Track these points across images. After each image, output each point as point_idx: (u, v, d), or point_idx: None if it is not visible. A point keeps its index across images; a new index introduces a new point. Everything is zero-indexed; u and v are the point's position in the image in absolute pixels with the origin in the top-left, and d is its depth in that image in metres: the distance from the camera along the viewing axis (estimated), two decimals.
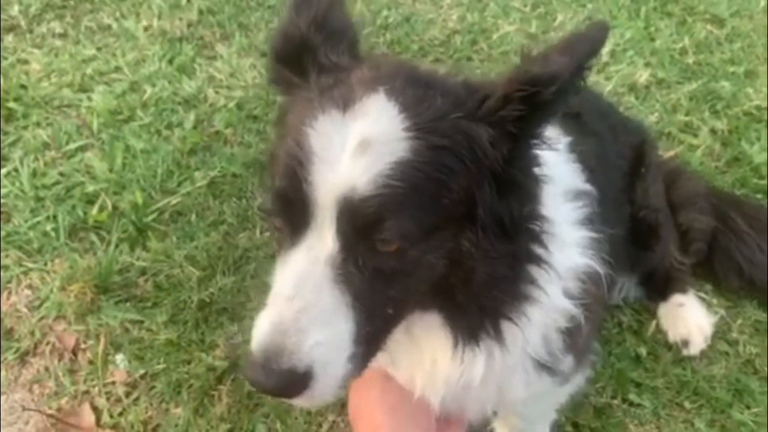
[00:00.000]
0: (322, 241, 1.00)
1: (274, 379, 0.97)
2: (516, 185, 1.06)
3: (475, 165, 1.02)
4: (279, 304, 0.99)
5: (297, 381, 0.98)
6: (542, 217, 1.12)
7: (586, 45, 1.03)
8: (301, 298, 0.98)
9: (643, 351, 2.06)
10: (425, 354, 1.21)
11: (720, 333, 2.11)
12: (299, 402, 1.03)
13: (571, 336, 1.31)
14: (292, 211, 1.02)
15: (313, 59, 1.11)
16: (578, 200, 1.31)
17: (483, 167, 1.03)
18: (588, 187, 1.37)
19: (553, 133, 1.19)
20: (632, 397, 1.96)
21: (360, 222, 0.98)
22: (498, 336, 1.16)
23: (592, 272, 1.30)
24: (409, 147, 0.99)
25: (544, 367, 1.31)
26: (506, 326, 1.16)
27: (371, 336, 1.04)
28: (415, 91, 1.04)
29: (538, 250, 1.13)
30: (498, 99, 1.01)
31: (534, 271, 1.14)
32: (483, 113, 1.02)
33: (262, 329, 1.00)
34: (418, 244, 1.01)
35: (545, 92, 0.99)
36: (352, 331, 1.00)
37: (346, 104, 1.01)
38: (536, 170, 1.10)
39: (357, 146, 0.98)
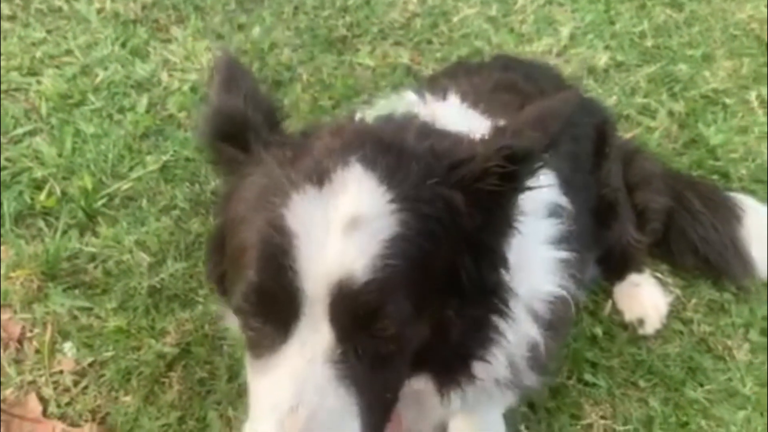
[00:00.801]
0: (316, 335, 0.92)
1: None
2: (490, 251, 1.05)
3: (455, 231, 1.00)
4: (282, 419, 0.90)
5: None
6: (509, 269, 1.10)
7: (558, 120, 1.02)
8: (305, 407, 0.90)
9: (599, 331, 2.07)
10: (414, 402, 1.22)
11: (675, 312, 2.13)
12: None
13: (536, 357, 1.32)
14: (275, 306, 0.94)
15: (256, 136, 1.05)
16: (554, 216, 1.31)
17: (461, 233, 1.00)
18: (563, 200, 1.38)
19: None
20: (587, 377, 1.97)
21: (360, 311, 0.92)
22: (471, 376, 1.18)
23: (561, 296, 1.31)
24: (398, 221, 0.94)
25: (509, 385, 1.33)
26: (477, 366, 1.18)
27: (374, 426, 0.99)
28: (388, 158, 0.98)
29: (504, 306, 1.12)
30: (475, 170, 0.99)
31: (500, 321, 1.14)
32: (457, 180, 0.99)
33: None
34: (413, 323, 0.98)
35: (522, 168, 0.98)
36: (360, 428, 0.94)
37: (320, 179, 0.94)
38: (507, 233, 1.09)
39: (346, 226, 0.92)
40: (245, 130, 1.05)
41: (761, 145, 2.57)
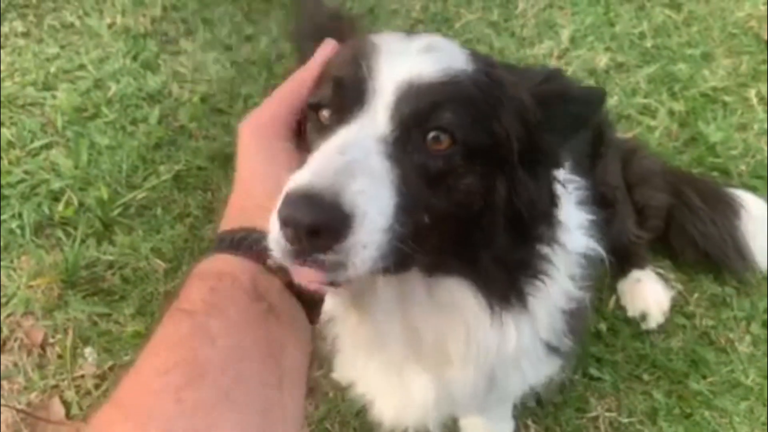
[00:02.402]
0: (374, 123, 0.95)
1: (315, 210, 0.82)
2: (545, 160, 1.07)
3: (517, 115, 1.03)
4: (326, 154, 0.90)
5: (339, 218, 0.82)
6: (557, 197, 1.12)
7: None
8: (350, 154, 0.90)
9: (603, 327, 2.11)
10: (457, 321, 1.12)
11: (677, 307, 2.17)
12: (332, 260, 0.84)
13: (573, 318, 1.30)
14: (346, 96, 0.98)
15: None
16: (571, 184, 1.32)
17: (522, 121, 1.03)
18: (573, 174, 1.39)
19: None
20: (593, 371, 2.02)
21: (420, 104, 0.95)
22: (523, 302, 1.11)
23: (593, 255, 1.32)
24: (470, 62, 1.01)
25: (552, 348, 1.30)
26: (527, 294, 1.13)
27: (405, 231, 0.91)
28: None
29: (550, 231, 1.12)
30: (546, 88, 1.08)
31: (545, 249, 1.12)
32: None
33: (304, 171, 0.88)
34: (466, 156, 0.98)
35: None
36: (394, 204, 0.89)
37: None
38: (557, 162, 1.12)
39: (424, 47, 1.00)
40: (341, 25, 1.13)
41: (761, 142, 2.61)
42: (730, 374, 2.03)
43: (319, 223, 0.81)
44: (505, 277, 1.08)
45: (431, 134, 0.95)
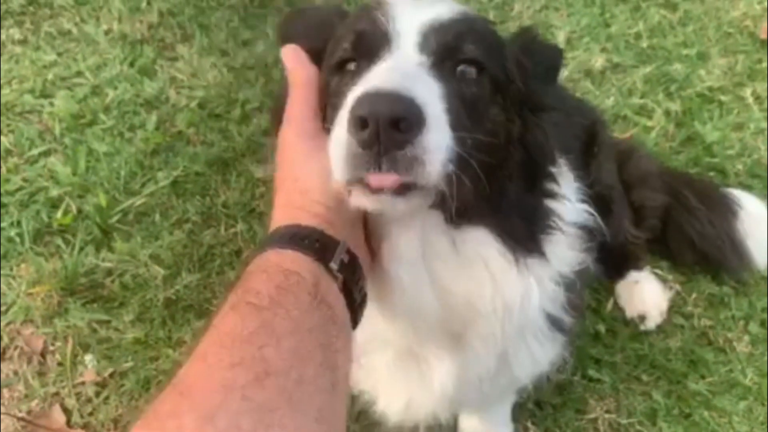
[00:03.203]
0: (408, 56, 0.98)
1: (395, 102, 0.84)
2: (537, 100, 1.12)
3: (515, 58, 1.08)
4: (379, 72, 0.93)
5: (416, 110, 0.84)
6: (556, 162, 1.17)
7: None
8: (403, 69, 0.94)
9: (601, 328, 2.12)
10: (483, 275, 1.11)
11: (675, 307, 2.18)
12: (410, 155, 0.85)
13: (572, 291, 1.29)
14: (371, 44, 1.00)
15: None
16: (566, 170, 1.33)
17: (519, 64, 1.08)
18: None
19: None
20: (592, 372, 2.02)
21: (447, 38, 0.99)
22: (541, 251, 1.13)
23: (590, 226, 1.32)
24: (478, 18, 1.08)
25: (556, 323, 1.30)
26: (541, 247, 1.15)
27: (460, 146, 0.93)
28: None
29: (553, 186, 1.16)
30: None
31: (551, 204, 1.16)
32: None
33: (367, 82, 0.90)
34: (491, 86, 1.03)
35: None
36: (446, 117, 0.92)
37: None
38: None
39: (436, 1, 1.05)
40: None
41: (757, 141, 2.62)
42: (728, 374, 2.04)
43: (401, 113, 0.83)
44: (524, 225, 1.10)
45: (461, 65, 1.00)
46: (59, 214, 2.32)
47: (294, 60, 1.10)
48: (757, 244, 2.17)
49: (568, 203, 1.22)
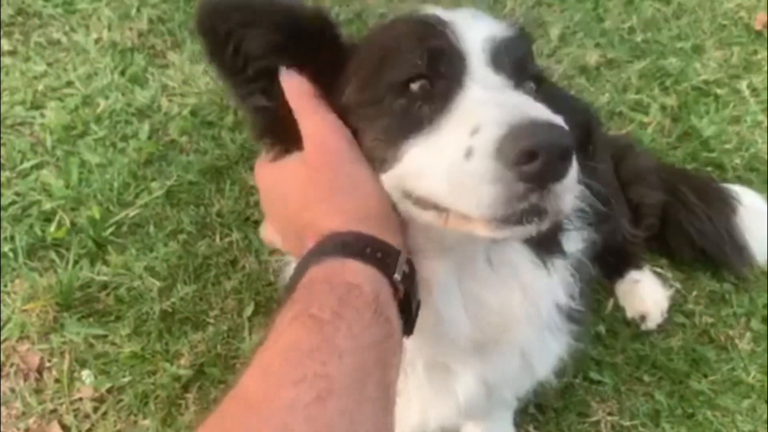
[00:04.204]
0: (485, 76, 0.96)
1: (565, 134, 0.83)
2: None
3: None
4: (507, 100, 0.90)
5: (570, 141, 0.83)
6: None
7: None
8: (520, 98, 0.92)
9: (602, 329, 2.10)
10: (513, 281, 1.12)
11: (676, 305, 2.16)
12: (560, 190, 0.85)
13: (579, 281, 1.30)
14: (447, 65, 0.97)
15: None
16: None
17: None
18: None
19: None
20: (593, 374, 2.01)
21: (517, 54, 1.00)
22: (562, 248, 1.15)
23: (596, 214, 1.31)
24: (524, 31, 1.07)
25: (568, 314, 1.30)
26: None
27: None
28: None
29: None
30: None
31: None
32: None
33: (514, 110, 0.85)
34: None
35: None
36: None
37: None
38: None
39: (473, 13, 1.04)
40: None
41: (754, 134, 2.60)
42: (731, 372, 2.02)
43: (569, 145, 0.82)
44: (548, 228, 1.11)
45: (529, 82, 1.01)
46: (53, 227, 2.29)
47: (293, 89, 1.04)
48: (757, 240, 2.16)
49: None
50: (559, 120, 0.84)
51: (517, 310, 1.13)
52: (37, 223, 2.31)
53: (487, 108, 0.88)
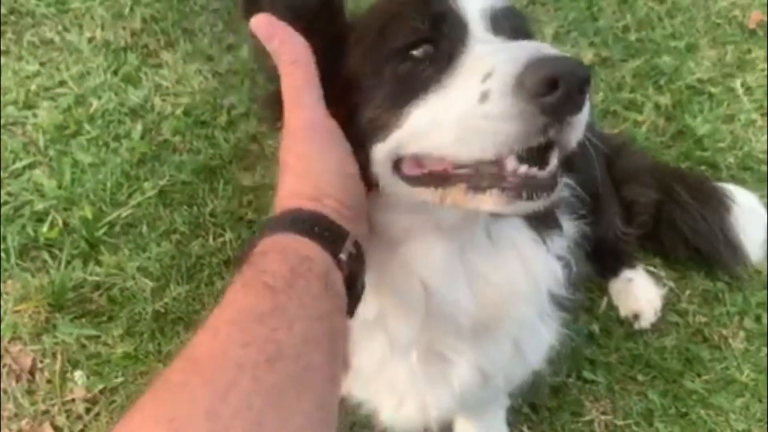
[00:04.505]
0: (487, 37, 0.97)
1: (582, 65, 0.83)
2: None
3: None
4: (518, 46, 0.88)
5: (588, 72, 0.83)
6: None
7: None
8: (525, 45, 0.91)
9: (595, 328, 2.10)
10: (513, 257, 1.13)
11: (670, 304, 2.16)
12: (581, 113, 0.85)
13: (566, 267, 1.29)
14: (449, 28, 0.97)
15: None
16: None
17: None
18: None
19: None
20: (587, 374, 2.01)
21: (516, 20, 1.02)
22: (559, 224, 1.16)
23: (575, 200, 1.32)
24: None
25: (557, 300, 1.29)
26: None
27: None
28: None
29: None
30: None
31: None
32: None
33: (527, 50, 0.85)
34: None
35: None
36: None
37: None
38: None
39: None
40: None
41: (748, 133, 2.60)
42: (724, 371, 2.02)
43: (588, 75, 0.82)
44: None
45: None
46: (45, 228, 2.29)
47: (277, 32, 1.00)
48: (750, 239, 2.16)
49: None
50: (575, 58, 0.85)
51: (521, 286, 1.13)
52: (29, 223, 2.30)
53: (498, 53, 0.88)
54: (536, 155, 0.87)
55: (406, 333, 1.13)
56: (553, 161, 0.88)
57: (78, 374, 2.01)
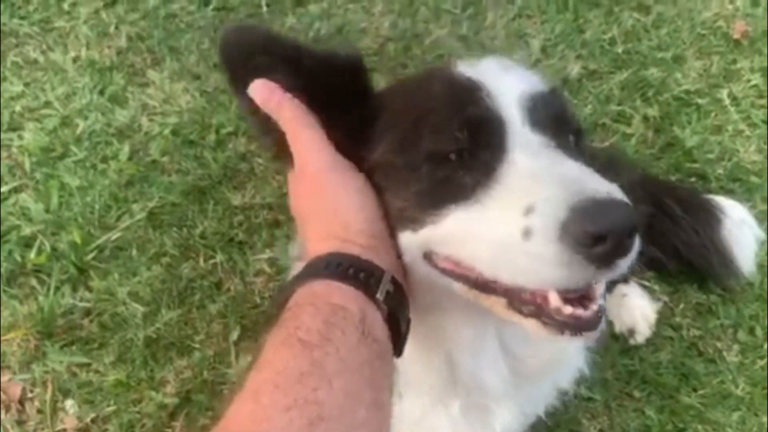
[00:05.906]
0: (527, 138, 0.95)
1: (629, 212, 0.81)
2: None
3: None
4: (558, 167, 0.87)
5: (635, 217, 0.82)
6: None
7: None
8: (572, 165, 0.89)
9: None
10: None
11: (664, 319, 2.17)
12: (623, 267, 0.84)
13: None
14: (487, 134, 0.95)
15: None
16: None
17: None
18: None
19: None
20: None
21: (554, 110, 1.00)
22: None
23: None
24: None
25: None
26: None
27: None
28: None
29: None
30: None
31: None
32: None
33: (556, 188, 0.83)
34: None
35: None
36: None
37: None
38: None
39: (504, 67, 1.04)
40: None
41: (736, 143, 2.62)
42: (720, 385, 2.03)
43: (635, 223, 0.80)
44: None
45: (569, 137, 1.01)
46: (33, 253, 2.25)
47: (278, 99, 1.03)
48: (742, 251, 2.16)
49: None
50: (617, 191, 0.82)
51: (556, 354, 1.17)
52: (16, 248, 2.27)
53: (539, 185, 0.86)
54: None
55: (437, 392, 1.15)
56: (600, 301, 0.87)
57: (69, 403, 1.98)
